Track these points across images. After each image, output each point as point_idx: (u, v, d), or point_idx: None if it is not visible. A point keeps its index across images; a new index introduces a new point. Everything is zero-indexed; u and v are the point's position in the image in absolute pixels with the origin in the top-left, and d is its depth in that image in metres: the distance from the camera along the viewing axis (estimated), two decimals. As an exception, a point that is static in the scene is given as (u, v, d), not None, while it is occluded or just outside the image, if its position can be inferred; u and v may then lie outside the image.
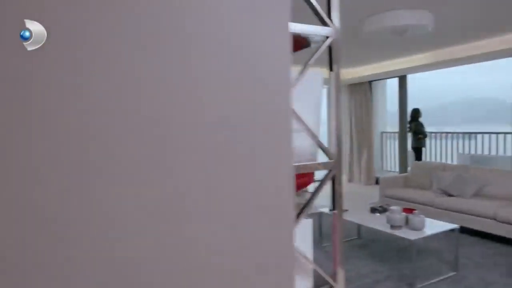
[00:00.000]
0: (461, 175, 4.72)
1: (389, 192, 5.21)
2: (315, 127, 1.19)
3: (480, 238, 4.14)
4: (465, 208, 4.24)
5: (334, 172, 1.20)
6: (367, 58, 6.54)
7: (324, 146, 1.19)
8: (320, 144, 1.18)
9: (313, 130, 1.16)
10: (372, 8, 3.60)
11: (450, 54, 5.82)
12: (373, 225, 3.39)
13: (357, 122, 8.29)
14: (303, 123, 1.11)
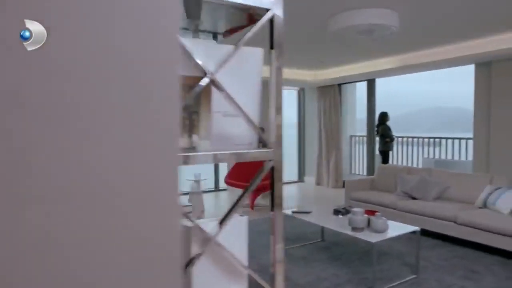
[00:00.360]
0: (425, 178, 4.74)
1: (354, 195, 5.18)
2: (253, 111, 1.06)
3: (441, 241, 4.15)
4: (427, 211, 4.24)
5: (273, 163, 1.06)
6: (336, 60, 6.53)
7: (262, 134, 1.06)
8: (257, 131, 1.04)
9: (250, 115, 1.02)
10: (338, 6, 3.53)
11: (416, 58, 5.89)
12: (334, 227, 3.30)
13: (326, 125, 8.29)
14: (238, 106, 0.97)
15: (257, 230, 4.74)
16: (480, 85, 5.60)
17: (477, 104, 5.65)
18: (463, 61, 5.47)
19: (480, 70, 5.59)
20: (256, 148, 1.09)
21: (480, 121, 5.60)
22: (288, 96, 9.32)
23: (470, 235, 3.81)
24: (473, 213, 3.87)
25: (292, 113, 9.29)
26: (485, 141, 5.53)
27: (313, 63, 6.83)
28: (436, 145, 7.95)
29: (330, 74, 7.57)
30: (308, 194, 7.78)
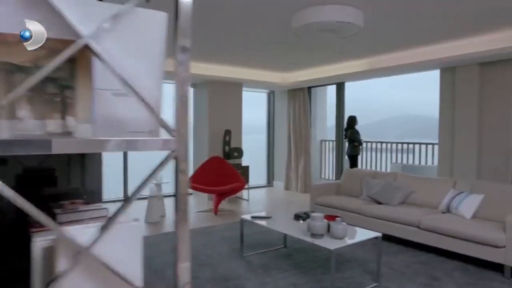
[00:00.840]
0: (389, 183, 4.67)
1: (320, 199, 5.04)
2: (152, 91, 0.84)
3: (405, 247, 4.05)
4: (391, 216, 4.15)
5: (175, 153, 0.85)
6: (305, 62, 6.43)
7: (163, 120, 0.84)
8: (155, 115, 0.83)
9: (147, 95, 0.81)
10: (302, 1, 3.39)
11: (383, 62, 5.86)
12: (293, 233, 3.12)
13: (295, 129, 8.17)
14: (126, 82, 0.76)
15: (218, 237, 4.52)
16: (445, 91, 5.62)
17: (442, 109, 5.67)
18: (428, 66, 5.48)
19: (444, 76, 5.62)
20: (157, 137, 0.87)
21: (445, 126, 5.61)
22: (258, 99, 9.18)
23: (433, 240, 3.73)
24: (436, 218, 3.79)
25: (262, 116, 9.14)
26: (449, 146, 5.55)
27: (282, 65, 6.70)
28: (404, 151, 7.99)
29: (299, 76, 7.47)
30: (276, 198, 7.61)
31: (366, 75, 6.55)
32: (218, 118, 7.18)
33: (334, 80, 7.16)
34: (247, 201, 7.02)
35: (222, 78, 6.97)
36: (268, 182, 8.97)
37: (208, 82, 7.07)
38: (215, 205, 5.84)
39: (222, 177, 6.11)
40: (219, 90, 7.19)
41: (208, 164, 6.22)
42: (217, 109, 7.18)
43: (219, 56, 6.08)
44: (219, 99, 7.21)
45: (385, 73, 6.20)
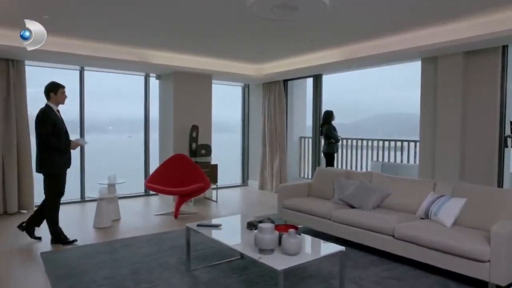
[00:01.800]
0: (364, 184, 4.17)
1: (287, 202, 4.53)
2: None
3: (378, 257, 3.56)
4: (363, 222, 3.65)
5: None
6: (277, 51, 5.89)
7: None
8: None
9: None
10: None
11: (361, 51, 5.37)
12: (239, 247, 2.59)
13: (270, 125, 7.65)
14: None
15: (168, 246, 3.90)
16: (426, 84, 5.15)
17: (423, 104, 5.20)
18: (409, 55, 5.00)
19: (426, 67, 5.14)
20: None
21: (426, 122, 5.15)
22: (233, 95, 8.62)
23: (409, 251, 3.24)
24: (412, 226, 3.31)
25: (238, 113, 8.58)
26: (430, 144, 5.08)
27: (250, 55, 6.15)
28: (386, 149, 7.54)
29: (274, 68, 6.93)
30: (248, 199, 7.07)
31: (344, 66, 6.04)
32: (184, 113, 6.61)
33: (311, 72, 6.65)
34: (216, 202, 6.47)
35: (189, 69, 6.39)
36: (242, 181, 8.44)
37: (174, 73, 6.48)
38: (176, 207, 5.28)
39: (185, 177, 5.56)
40: (186, 82, 6.62)
41: (170, 162, 5.65)
42: (183, 103, 6.60)
43: (184, 45, 5.50)
44: (186, 92, 6.63)
45: (363, 63, 5.70)
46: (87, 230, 4.60)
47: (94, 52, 5.41)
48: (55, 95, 3.83)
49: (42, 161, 3.76)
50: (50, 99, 3.83)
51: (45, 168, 3.77)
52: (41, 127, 3.68)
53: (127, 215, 5.36)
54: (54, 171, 3.80)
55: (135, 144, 7.25)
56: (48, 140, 3.68)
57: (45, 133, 3.67)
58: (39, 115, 3.74)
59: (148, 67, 6.19)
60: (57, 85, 3.85)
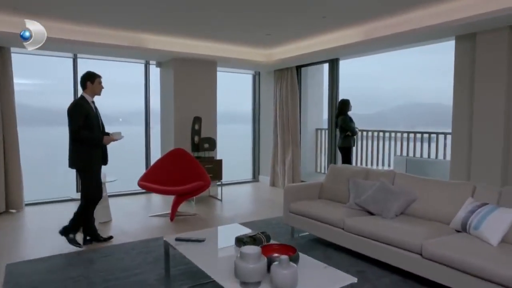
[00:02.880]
0: (385, 186, 3.49)
1: (295, 206, 3.90)
2: None
3: (402, 278, 2.90)
4: (383, 235, 2.98)
5: None
6: (281, 33, 5.20)
7: None
8: None
9: None
10: None
11: (384, 29, 4.62)
12: (216, 275, 2.00)
13: (282, 116, 6.99)
14: None
15: (153, 257, 3.25)
16: (461, 66, 4.36)
17: (457, 90, 4.42)
18: (440, 32, 4.22)
19: (461, 46, 4.35)
20: None
21: (460, 112, 4.38)
22: (242, 82, 7.99)
23: (441, 275, 2.56)
24: (445, 242, 2.62)
25: (247, 102, 7.96)
26: (466, 136, 4.32)
27: (262, 38, 5.49)
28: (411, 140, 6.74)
29: (285, 52, 6.25)
30: (257, 198, 6.47)
31: (363, 48, 5.29)
32: (186, 103, 6.04)
33: (326, 56, 5.93)
34: (220, 201, 5.91)
35: (190, 55, 5.81)
36: (253, 177, 7.85)
37: (174, 60, 5.91)
38: (172, 209, 4.75)
39: (184, 174, 5.01)
40: (188, 69, 6.04)
41: (168, 158, 5.11)
42: (184, 92, 6.03)
43: (183, 27, 4.91)
44: (188, 80, 6.05)
45: (385, 44, 4.94)
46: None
47: (86, 37, 4.91)
48: (91, 84, 3.59)
49: (73, 156, 3.56)
50: (86, 88, 3.60)
51: (76, 163, 3.57)
52: (72, 120, 3.46)
53: (119, 216, 4.87)
54: (86, 166, 3.57)
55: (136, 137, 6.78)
56: (79, 134, 3.46)
57: (76, 126, 3.44)
58: (70, 108, 3.51)
59: (145, 54, 5.64)
60: (94, 74, 3.63)
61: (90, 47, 5.05)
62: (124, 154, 7.78)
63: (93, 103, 3.66)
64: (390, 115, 17.36)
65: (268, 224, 4.53)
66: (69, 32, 4.79)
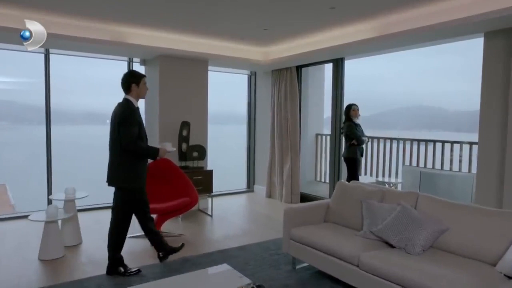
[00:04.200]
0: (407, 212, 2.87)
1: (296, 232, 3.25)
2: None
3: (435, 336, 2.26)
4: (410, 280, 2.34)
5: None
6: (280, 27, 4.57)
7: None
8: None
9: None
10: None
11: (398, 25, 4.01)
12: None
13: (281, 121, 6.36)
14: None
15: None
16: (492, 67, 3.76)
17: (486, 93, 3.81)
18: (467, 27, 3.61)
19: (492, 44, 3.75)
20: None
21: (490, 118, 3.77)
22: (236, 83, 7.35)
23: None
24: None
25: (242, 105, 7.32)
26: (497, 148, 3.71)
27: (258, 33, 4.85)
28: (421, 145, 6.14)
29: (284, 51, 5.63)
30: (251, 213, 5.81)
31: (373, 47, 4.67)
32: (172, 106, 5.39)
33: (330, 55, 5.31)
34: (210, 217, 5.26)
35: (178, 52, 5.15)
36: (248, 186, 7.20)
37: (160, 58, 5.26)
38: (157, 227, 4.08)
39: (168, 189, 4.37)
40: (175, 68, 5.38)
41: (150, 169, 4.45)
42: (171, 94, 5.38)
43: (172, 21, 4.28)
44: (175, 80, 5.40)
45: (401, 41, 4.32)
46: (29, 262, 3.46)
47: (59, 29, 4.25)
48: (137, 87, 3.10)
49: (123, 172, 3.03)
50: (131, 92, 3.09)
51: (128, 181, 3.06)
52: (126, 128, 2.95)
53: (92, 237, 4.20)
54: (139, 185, 3.12)
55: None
56: (135, 145, 2.97)
57: (133, 136, 2.95)
58: (123, 114, 2.99)
59: (128, 50, 4.97)
60: (139, 75, 3.16)
61: (64, 40, 4.38)
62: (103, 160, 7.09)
63: (138, 108, 3.16)
64: (390, 118, 16.85)
65: (265, 249, 3.88)
66: (39, 23, 4.13)
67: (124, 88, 3.10)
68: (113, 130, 3.02)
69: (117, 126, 2.96)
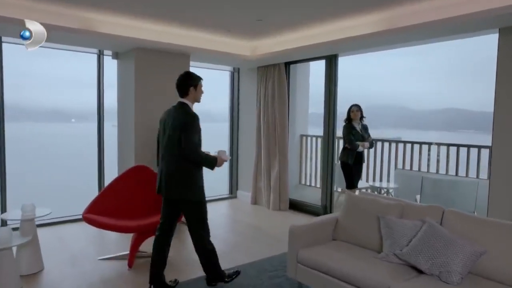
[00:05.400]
0: (436, 231, 2.49)
1: (306, 254, 2.79)
2: None
3: None
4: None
5: None
6: (276, 18, 4.10)
7: None
8: None
9: None
10: None
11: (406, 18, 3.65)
12: None
13: (267, 121, 5.89)
14: None
15: None
16: (507, 63, 3.47)
17: (502, 94, 3.52)
18: (479, 22, 3.29)
19: (508, 40, 3.45)
20: None
21: (506, 120, 3.48)
22: (217, 80, 6.81)
23: None
24: None
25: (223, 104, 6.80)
26: None
27: (250, 24, 4.33)
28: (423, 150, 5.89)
29: (275, 45, 5.16)
30: (238, 223, 5.31)
31: (372, 42, 4.28)
32: (150, 105, 4.78)
33: (322, 51, 4.90)
34: (194, 229, 4.70)
35: (157, 45, 4.56)
36: (230, 192, 6.69)
37: (136, 51, 4.64)
38: (131, 249, 3.50)
39: (149, 201, 3.79)
40: (153, 63, 4.78)
41: (125, 178, 3.85)
42: (149, 92, 4.77)
43: (150, 7, 3.69)
44: (153, 77, 4.80)
45: (404, 37, 3.95)
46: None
47: (13, 12, 3.55)
48: (195, 90, 2.88)
49: (184, 182, 2.76)
50: (188, 95, 2.86)
51: (190, 192, 2.78)
52: (191, 135, 2.72)
53: (55, 261, 3.56)
54: (201, 197, 2.86)
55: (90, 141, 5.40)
56: (198, 154, 2.76)
57: (195, 143, 2.73)
58: (189, 118, 2.75)
59: (98, 40, 4.32)
60: (197, 77, 2.92)
61: (18, 26, 3.68)
62: (68, 162, 6.33)
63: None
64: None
65: (261, 271, 3.41)
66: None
67: (181, 91, 2.86)
68: (170, 136, 2.74)
69: (179, 132, 2.69)
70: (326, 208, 5.30)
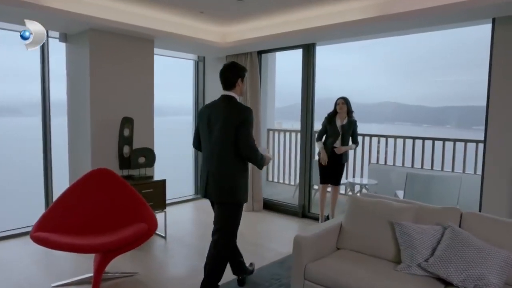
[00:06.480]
0: (461, 236, 2.25)
1: (315, 269, 2.42)
2: None
3: None
4: None
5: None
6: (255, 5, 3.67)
7: None
8: None
9: None
10: None
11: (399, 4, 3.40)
12: None
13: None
14: None
15: None
16: (503, 57, 3.35)
17: (496, 87, 3.41)
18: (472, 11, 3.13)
19: (503, 31, 3.33)
20: None
21: (501, 114, 3.38)
22: (179, 70, 6.21)
23: None
24: None
25: (187, 96, 6.21)
26: (509, 146, 3.33)
27: (228, 7, 3.83)
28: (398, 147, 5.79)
29: (248, 32, 4.71)
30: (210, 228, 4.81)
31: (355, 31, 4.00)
32: (108, 98, 4.11)
33: (300, 39, 4.56)
34: (164, 239, 4.15)
35: (116, 26, 3.88)
36: (196, 192, 6.15)
37: (91, 32, 3.92)
38: (95, 272, 2.88)
39: (113, 212, 3.17)
40: (112, 48, 4.10)
41: (83, 185, 3.18)
42: (107, 82, 4.09)
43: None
44: (112, 64, 4.12)
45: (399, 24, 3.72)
46: None
47: None
48: (241, 82, 2.60)
49: (237, 184, 2.53)
50: (235, 88, 2.58)
51: (238, 194, 2.56)
52: (250, 131, 2.47)
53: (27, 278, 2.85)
54: (245, 199, 2.64)
55: (34, 139, 4.58)
56: (257, 152, 2.52)
57: (253, 140, 2.50)
58: (245, 113, 2.47)
59: (41, 17, 3.54)
60: (244, 68, 2.65)
61: None
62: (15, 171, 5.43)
63: None
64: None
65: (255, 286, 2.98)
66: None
67: (229, 84, 2.56)
68: (223, 133, 2.45)
69: (235, 129, 2.41)
70: (305, 207, 4.99)
